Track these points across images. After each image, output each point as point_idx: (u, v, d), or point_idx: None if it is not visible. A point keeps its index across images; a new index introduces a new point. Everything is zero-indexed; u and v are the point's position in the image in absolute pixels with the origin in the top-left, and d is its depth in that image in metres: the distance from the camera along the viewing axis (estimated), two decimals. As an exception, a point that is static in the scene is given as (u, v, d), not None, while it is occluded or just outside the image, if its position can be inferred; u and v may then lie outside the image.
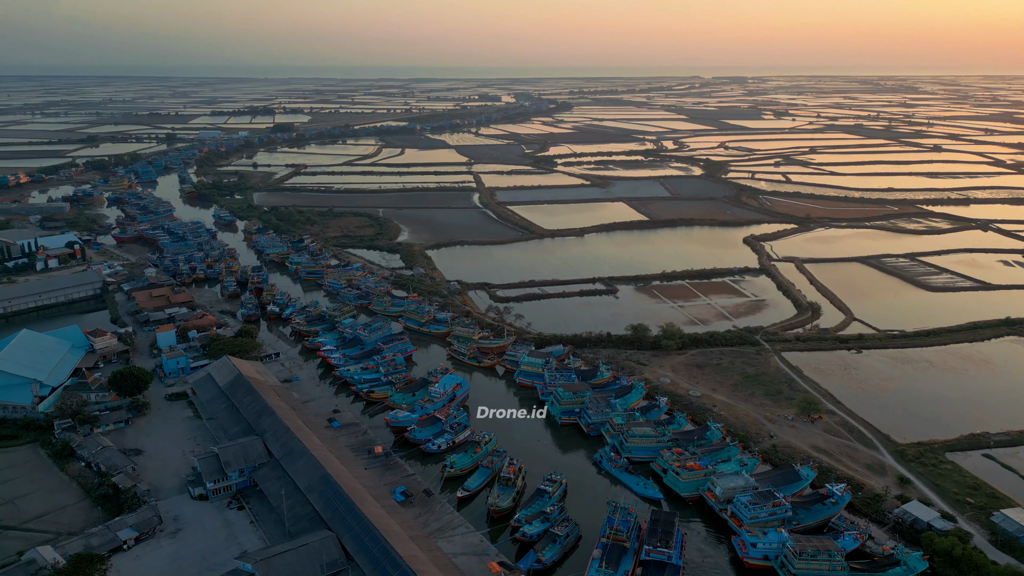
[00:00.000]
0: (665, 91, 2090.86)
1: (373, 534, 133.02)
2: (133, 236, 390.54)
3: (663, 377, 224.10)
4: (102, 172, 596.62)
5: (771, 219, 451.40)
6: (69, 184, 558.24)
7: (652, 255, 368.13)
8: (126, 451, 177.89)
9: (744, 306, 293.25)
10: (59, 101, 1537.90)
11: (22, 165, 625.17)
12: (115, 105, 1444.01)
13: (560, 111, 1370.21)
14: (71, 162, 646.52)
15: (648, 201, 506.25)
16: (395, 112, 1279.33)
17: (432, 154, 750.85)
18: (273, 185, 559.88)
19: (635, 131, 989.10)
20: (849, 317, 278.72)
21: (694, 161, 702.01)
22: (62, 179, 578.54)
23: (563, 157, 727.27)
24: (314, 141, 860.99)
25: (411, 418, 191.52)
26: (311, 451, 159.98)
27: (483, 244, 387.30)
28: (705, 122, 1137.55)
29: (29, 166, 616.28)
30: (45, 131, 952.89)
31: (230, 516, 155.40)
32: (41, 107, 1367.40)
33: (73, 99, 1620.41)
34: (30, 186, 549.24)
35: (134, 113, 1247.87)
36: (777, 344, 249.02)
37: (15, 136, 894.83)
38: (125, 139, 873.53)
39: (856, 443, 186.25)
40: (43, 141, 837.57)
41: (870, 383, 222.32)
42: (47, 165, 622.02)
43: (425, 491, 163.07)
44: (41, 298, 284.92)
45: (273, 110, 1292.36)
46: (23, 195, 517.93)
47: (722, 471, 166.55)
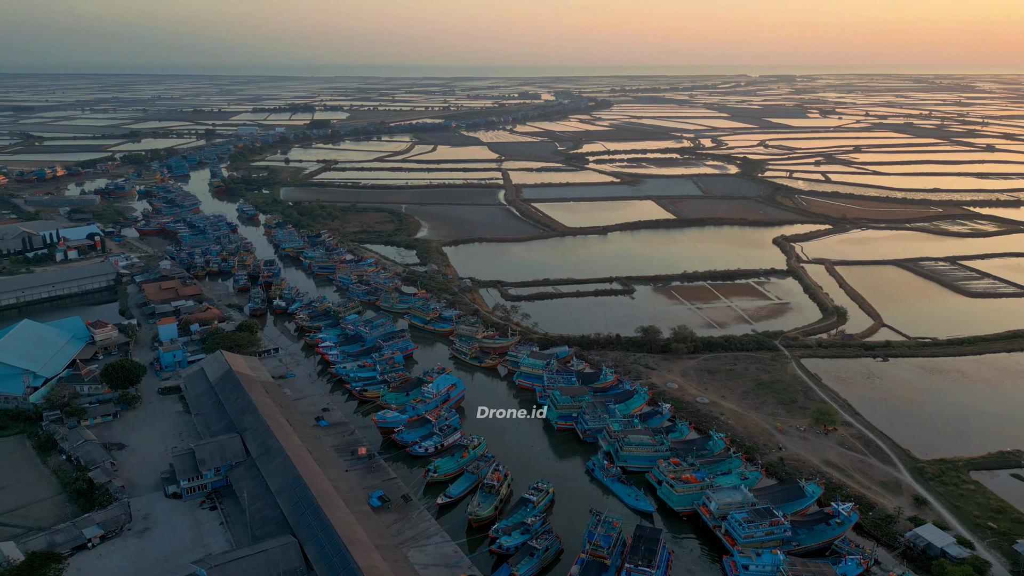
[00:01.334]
0: (709, 89, 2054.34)
1: (335, 542, 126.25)
2: (155, 229, 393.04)
3: (670, 382, 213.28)
4: (137, 166, 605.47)
5: (805, 219, 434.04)
6: (105, 177, 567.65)
7: (675, 255, 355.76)
8: (108, 445, 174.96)
9: (766, 309, 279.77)
10: (110, 98, 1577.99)
11: (63, 159, 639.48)
12: (162, 102, 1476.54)
13: (599, 109, 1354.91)
14: (109, 156, 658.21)
15: (678, 199, 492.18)
16: (432, 110, 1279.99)
17: (464, 151, 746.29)
18: (301, 180, 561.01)
19: (673, 129, 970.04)
20: (878, 323, 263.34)
21: (731, 159, 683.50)
22: (98, 172, 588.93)
23: (596, 154, 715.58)
24: (349, 137, 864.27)
25: (400, 419, 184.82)
26: (286, 451, 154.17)
27: (502, 241, 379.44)
28: (747, 120, 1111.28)
29: (69, 160, 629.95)
30: (91, 127, 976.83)
31: (201, 516, 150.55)
32: (92, 104, 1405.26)
33: (124, 96, 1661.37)
34: (67, 179, 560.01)
35: (179, 110, 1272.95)
36: (796, 350, 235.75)
37: (62, 131, 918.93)
38: (166, 134, 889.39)
39: (871, 458, 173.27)
40: (87, 136, 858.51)
41: (894, 394, 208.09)
42: (85, 159, 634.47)
43: (403, 496, 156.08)
44: (54, 288, 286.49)
45: (313, 107, 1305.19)
46: (59, 188, 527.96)
47: (720, 484, 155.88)
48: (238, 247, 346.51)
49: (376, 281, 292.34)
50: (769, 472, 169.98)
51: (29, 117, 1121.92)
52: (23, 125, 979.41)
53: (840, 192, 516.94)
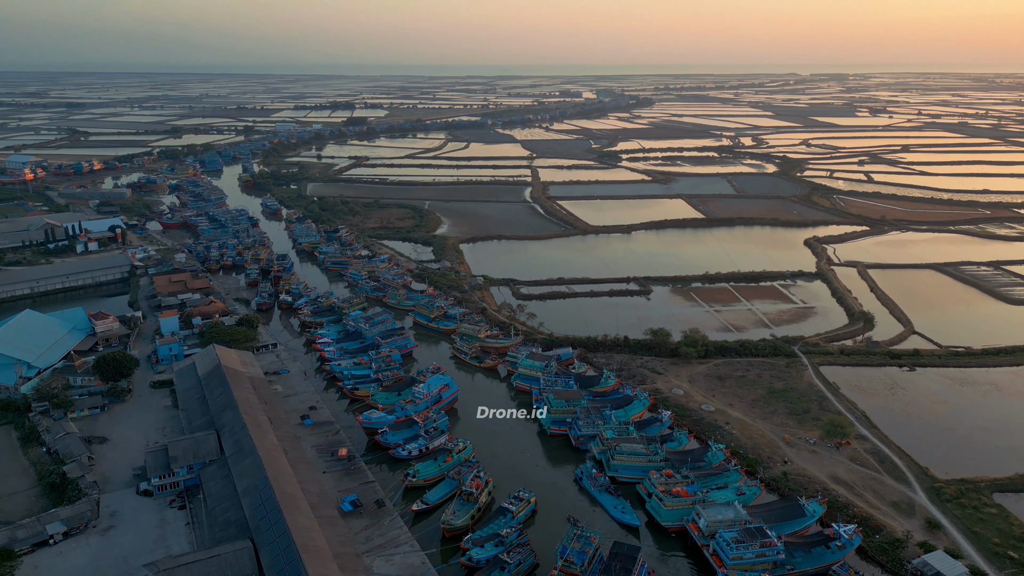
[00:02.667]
0: (755, 88, 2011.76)
1: (290, 549, 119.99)
2: (178, 222, 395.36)
3: (676, 388, 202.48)
4: (172, 161, 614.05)
5: (841, 220, 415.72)
6: (141, 172, 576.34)
7: (700, 255, 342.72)
8: (90, 439, 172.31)
9: (788, 313, 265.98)
10: (159, 96, 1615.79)
11: (105, 153, 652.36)
12: (209, 100, 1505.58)
13: (639, 107, 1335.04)
14: (147, 151, 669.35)
15: (709, 198, 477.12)
16: (470, 108, 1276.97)
17: (497, 148, 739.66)
18: (330, 176, 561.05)
19: (713, 127, 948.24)
20: (908, 329, 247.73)
21: (770, 158, 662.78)
22: (135, 167, 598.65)
23: (630, 152, 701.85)
24: (384, 135, 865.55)
25: (386, 419, 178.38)
26: (258, 451, 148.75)
27: (521, 239, 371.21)
28: (791, 119, 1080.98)
29: (110, 154, 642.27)
30: (136, 123, 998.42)
31: (168, 516, 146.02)
32: (141, 101, 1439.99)
33: (173, 94, 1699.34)
34: (103, 172, 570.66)
35: (223, 107, 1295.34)
36: (816, 357, 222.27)
37: (108, 127, 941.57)
38: (207, 131, 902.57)
39: (885, 476, 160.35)
40: (131, 132, 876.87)
41: (917, 406, 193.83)
42: (124, 154, 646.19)
43: (377, 501, 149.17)
44: (68, 279, 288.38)
45: (353, 105, 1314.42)
46: (95, 181, 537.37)
47: (712, 500, 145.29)
48: (255, 241, 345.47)
49: (385, 277, 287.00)
50: (771, 487, 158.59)
51: (80, 113, 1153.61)
52: (72, 121, 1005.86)
53: (882, 192, 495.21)
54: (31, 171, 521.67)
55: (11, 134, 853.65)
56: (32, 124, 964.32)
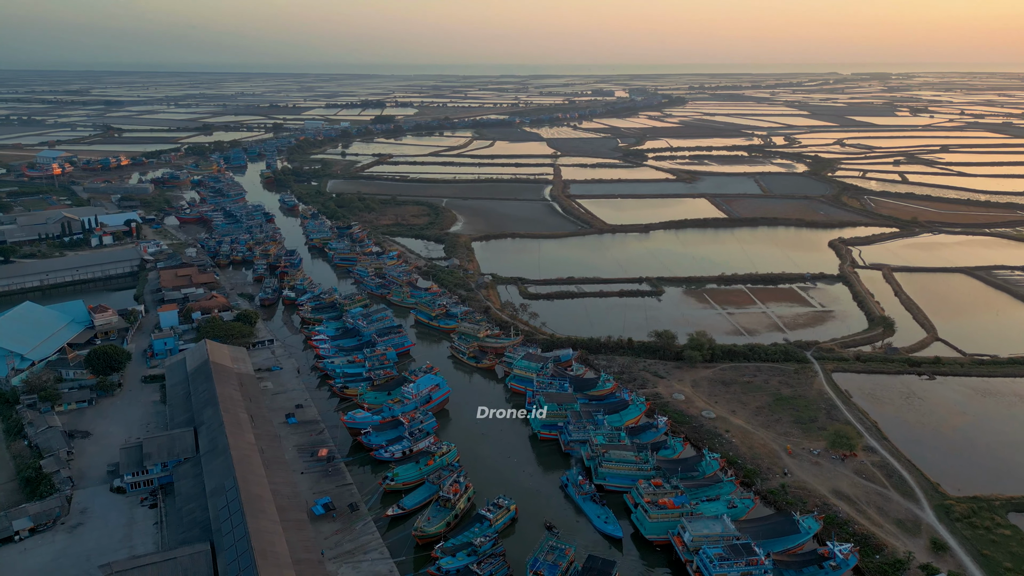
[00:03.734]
0: (793, 87, 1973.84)
1: (247, 554, 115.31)
2: (195, 217, 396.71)
3: (677, 393, 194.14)
4: (198, 157, 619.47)
5: (869, 221, 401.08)
6: (168, 167, 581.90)
7: (718, 255, 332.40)
8: (73, 433, 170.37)
9: (805, 317, 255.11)
10: (196, 94, 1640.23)
11: (135, 149, 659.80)
12: (243, 98, 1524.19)
13: (672, 105, 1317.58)
14: (176, 147, 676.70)
15: (733, 198, 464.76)
16: (500, 106, 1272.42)
17: (522, 146, 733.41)
18: (351, 173, 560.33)
19: (745, 126, 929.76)
20: (931, 336, 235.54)
21: (801, 158, 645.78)
22: (162, 163, 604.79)
23: (656, 151, 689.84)
24: (411, 133, 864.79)
25: (370, 420, 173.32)
26: (231, 450, 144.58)
27: (535, 237, 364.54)
28: (828, 118, 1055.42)
29: (140, 150, 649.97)
30: (170, 120, 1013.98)
31: (138, 514, 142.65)
32: (178, 99, 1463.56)
33: (210, 92, 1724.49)
34: (130, 168, 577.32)
35: (257, 105, 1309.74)
36: (829, 363, 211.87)
37: (143, 124, 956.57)
38: (237, 128, 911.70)
39: (891, 491, 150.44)
40: (163, 129, 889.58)
41: (933, 417, 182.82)
42: (154, 150, 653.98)
43: (351, 505, 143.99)
44: (78, 272, 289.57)
45: (384, 103, 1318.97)
46: (123, 176, 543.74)
47: (701, 512, 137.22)
48: (266, 237, 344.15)
49: (390, 274, 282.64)
50: (767, 500, 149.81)
51: (117, 111, 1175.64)
52: (108, 118, 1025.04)
53: (915, 193, 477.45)
54: (59, 166, 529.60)
55: (48, 130, 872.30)
56: (69, 120, 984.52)
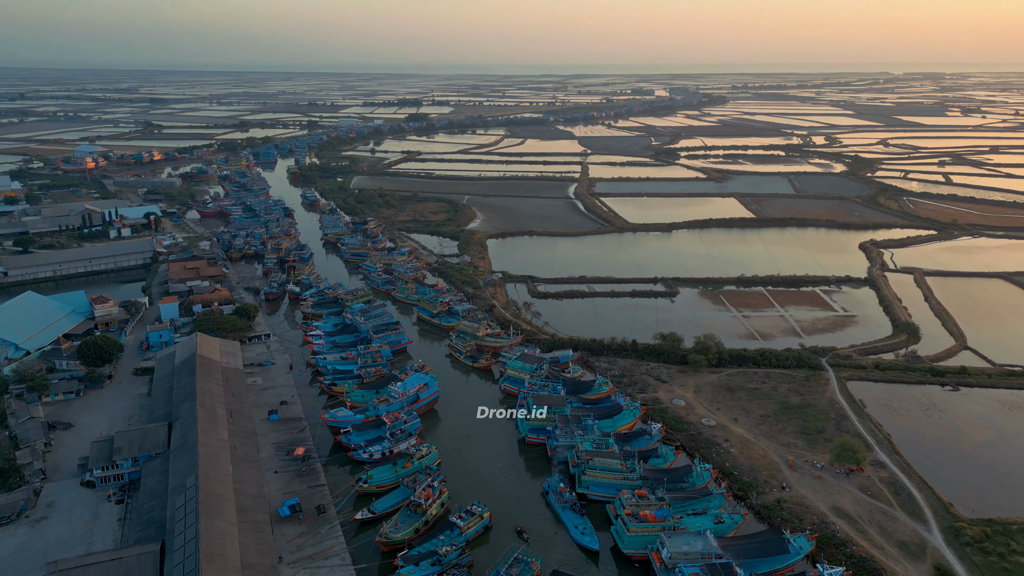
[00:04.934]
0: (841, 87, 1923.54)
1: (193, 556, 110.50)
2: (215, 211, 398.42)
3: (678, 399, 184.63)
4: (229, 153, 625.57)
5: (906, 223, 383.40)
6: (199, 162, 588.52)
7: (741, 256, 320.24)
8: (55, 424, 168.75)
9: (825, 321, 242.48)
10: (239, 93, 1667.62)
11: (172, 145, 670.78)
12: (284, 96, 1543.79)
13: (711, 104, 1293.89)
14: (209, 143, 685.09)
15: (764, 198, 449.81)
16: (536, 105, 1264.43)
17: (552, 144, 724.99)
18: (377, 170, 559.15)
19: (785, 125, 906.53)
20: (959, 344, 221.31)
21: (840, 157, 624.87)
22: (194, 158, 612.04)
23: (690, 150, 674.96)
24: (443, 131, 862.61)
25: (352, 419, 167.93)
26: (199, 446, 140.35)
27: (552, 235, 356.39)
28: (873, 118, 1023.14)
29: (176, 146, 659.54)
30: (210, 117, 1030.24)
31: (103, 510, 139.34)
32: (221, 97, 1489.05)
33: (253, 91, 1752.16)
34: (163, 163, 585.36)
35: (296, 103, 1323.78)
36: (844, 370, 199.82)
37: (183, 120, 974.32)
38: (273, 125, 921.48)
39: (897, 510, 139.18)
40: (201, 125, 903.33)
41: (952, 431, 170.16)
42: (188, 145, 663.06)
43: (318, 507, 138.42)
44: (91, 264, 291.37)
45: (421, 102, 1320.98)
46: (155, 171, 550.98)
47: (684, 527, 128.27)
48: (281, 231, 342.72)
49: (397, 271, 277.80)
50: (760, 516, 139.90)
51: (161, 108, 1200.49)
52: (151, 115, 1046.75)
53: (959, 195, 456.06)
54: (93, 160, 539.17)
55: (92, 126, 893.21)
56: (113, 117, 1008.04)
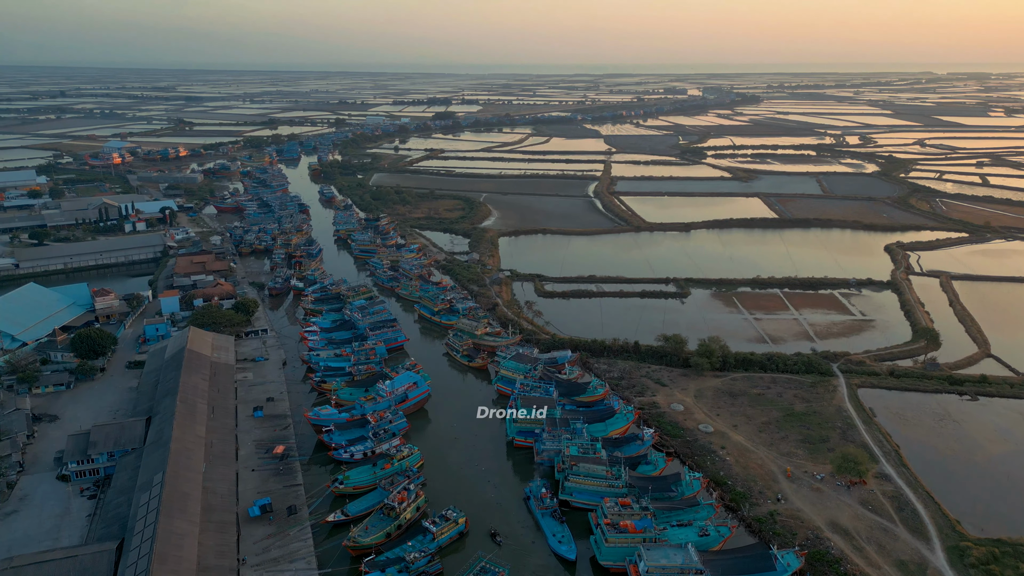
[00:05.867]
0: (880, 87, 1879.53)
1: (147, 556, 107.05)
2: (232, 206, 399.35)
3: (676, 403, 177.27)
4: (254, 149, 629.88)
5: (936, 225, 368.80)
6: (224, 159, 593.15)
7: (759, 257, 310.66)
8: (40, 416, 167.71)
9: (841, 325, 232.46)
10: (273, 92, 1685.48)
11: (200, 141, 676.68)
12: (317, 95, 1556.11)
13: (744, 104, 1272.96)
14: (235, 140, 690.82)
15: (789, 198, 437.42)
16: (565, 104, 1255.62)
17: (578, 143, 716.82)
18: (398, 167, 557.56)
19: (819, 125, 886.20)
20: (982, 351, 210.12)
21: (873, 158, 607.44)
22: (219, 154, 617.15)
23: (718, 149, 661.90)
24: (469, 129, 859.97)
25: (336, 417, 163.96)
26: (172, 442, 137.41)
27: (567, 234, 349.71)
28: (911, 118, 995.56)
29: (206, 142, 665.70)
30: (241, 115, 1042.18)
31: (75, 505, 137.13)
32: (255, 95, 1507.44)
33: (287, 90, 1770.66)
34: (188, 159, 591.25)
35: (327, 102, 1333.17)
36: (856, 377, 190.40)
37: (214, 118, 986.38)
38: (302, 123, 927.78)
39: (899, 527, 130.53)
40: (231, 123, 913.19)
41: (967, 443, 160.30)
42: (214, 142, 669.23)
43: (289, 508, 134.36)
44: (102, 257, 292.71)
45: (450, 101, 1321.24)
46: (181, 167, 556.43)
47: (666, 539, 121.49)
48: (293, 227, 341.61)
49: (403, 268, 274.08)
50: (751, 529, 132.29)
51: (196, 106, 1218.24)
52: (185, 113, 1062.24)
53: (995, 197, 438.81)
54: (119, 156, 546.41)
55: (126, 123, 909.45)
56: (147, 114, 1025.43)
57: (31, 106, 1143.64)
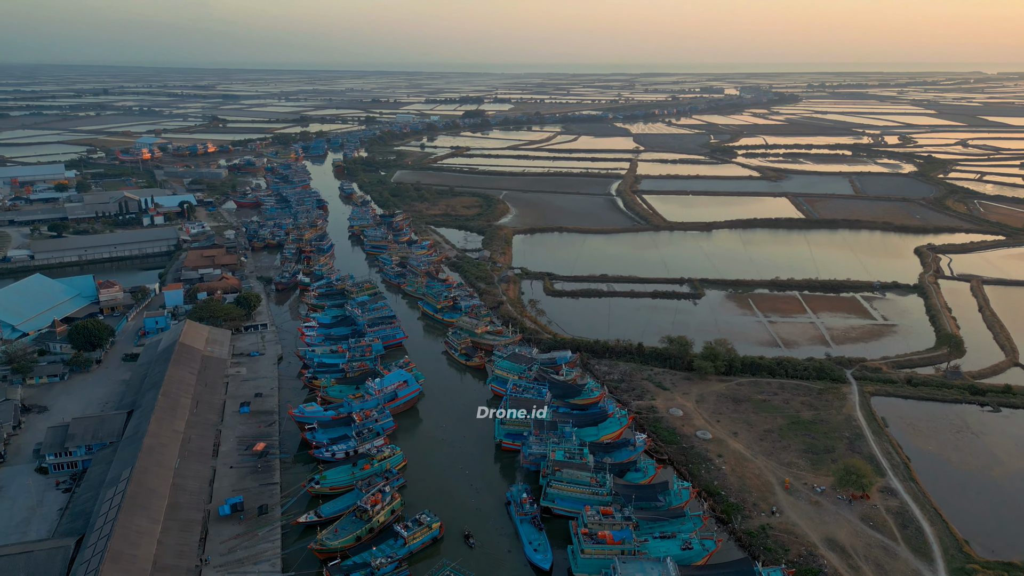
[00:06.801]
0: (926, 86, 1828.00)
1: (99, 554, 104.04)
2: (251, 202, 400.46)
3: (675, 408, 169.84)
4: (280, 146, 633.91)
5: (972, 227, 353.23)
6: (251, 155, 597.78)
7: (781, 258, 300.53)
8: (29, 407, 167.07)
9: (859, 330, 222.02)
10: (309, 90, 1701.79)
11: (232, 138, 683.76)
12: (351, 94, 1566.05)
13: (781, 103, 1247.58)
14: (263, 136, 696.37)
15: (818, 198, 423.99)
16: (597, 103, 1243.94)
17: (606, 141, 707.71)
18: (421, 164, 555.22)
19: (857, 125, 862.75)
20: (1009, 360, 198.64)
21: (911, 158, 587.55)
22: (247, 150, 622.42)
23: (749, 148, 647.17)
24: (498, 127, 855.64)
25: (320, 415, 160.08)
26: (147, 437, 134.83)
27: (583, 232, 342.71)
28: (956, 118, 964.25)
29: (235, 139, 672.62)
30: (275, 112, 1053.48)
31: (48, 498, 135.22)
32: (290, 94, 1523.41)
33: (322, 88, 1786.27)
34: (216, 155, 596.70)
35: (360, 100, 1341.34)
36: (870, 384, 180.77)
37: (248, 115, 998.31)
38: (333, 120, 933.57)
39: (900, 545, 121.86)
40: (264, 120, 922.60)
41: (985, 457, 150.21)
42: (244, 138, 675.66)
43: (260, 507, 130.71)
44: (116, 250, 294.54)
45: (482, 99, 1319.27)
46: (209, 162, 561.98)
47: (646, 551, 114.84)
48: (309, 222, 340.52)
49: (410, 264, 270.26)
50: (741, 543, 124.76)
51: (232, 104, 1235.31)
52: (220, 110, 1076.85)
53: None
54: (149, 151, 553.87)
55: (163, 120, 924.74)
56: (184, 112, 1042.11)
57: (73, 103, 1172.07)
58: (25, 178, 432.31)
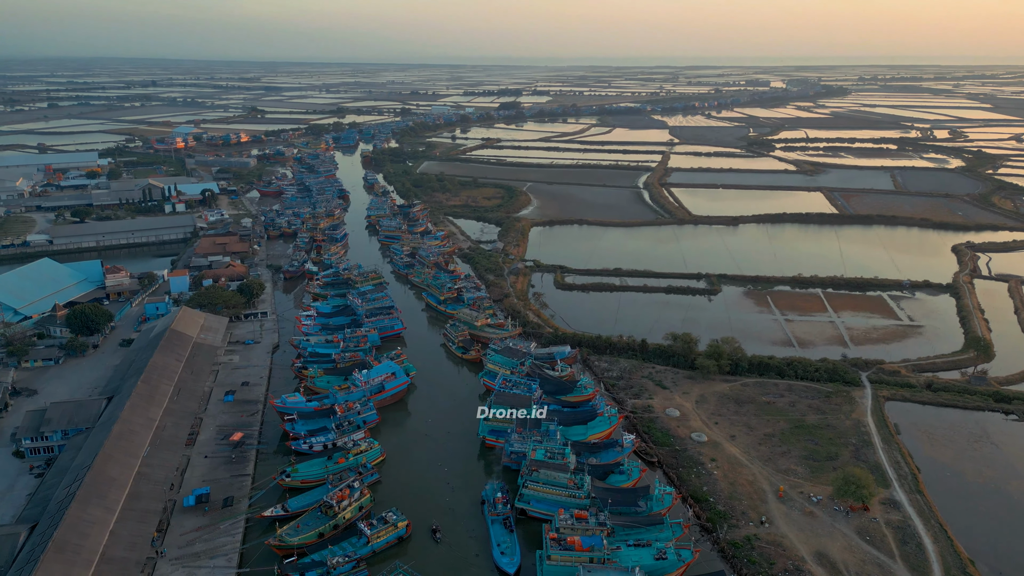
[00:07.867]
0: (984, 80, 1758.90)
1: (43, 544, 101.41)
2: (274, 190, 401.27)
3: (673, 408, 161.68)
4: (312, 136, 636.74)
5: (1016, 225, 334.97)
6: (283, 144, 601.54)
7: (808, 254, 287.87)
8: (19, 390, 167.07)
9: (882, 331, 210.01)
10: (351, 83, 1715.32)
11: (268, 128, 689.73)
12: (391, 86, 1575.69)
13: (829, 96, 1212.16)
14: (297, 127, 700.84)
15: (854, 193, 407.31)
16: (638, 95, 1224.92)
17: (641, 134, 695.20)
18: (449, 155, 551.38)
19: (906, 118, 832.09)
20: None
21: (959, 152, 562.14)
22: (279, 141, 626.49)
23: (788, 141, 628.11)
24: (533, 119, 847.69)
25: (302, 406, 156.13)
26: (116, 424, 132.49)
27: (604, 225, 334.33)
28: (1012, 112, 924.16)
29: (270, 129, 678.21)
30: (314, 103, 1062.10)
31: (20, 483, 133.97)
32: (331, 86, 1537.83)
33: (364, 81, 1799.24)
34: (249, 145, 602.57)
35: (399, 92, 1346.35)
36: (886, 388, 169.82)
37: (287, 107, 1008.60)
38: (369, 112, 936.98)
39: (897, 563, 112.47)
40: (302, 111, 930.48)
41: (1002, 470, 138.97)
42: (277, 128, 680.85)
43: (225, 500, 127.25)
44: (133, 236, 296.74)
45: (520, 91, 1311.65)
46: (242, 152, 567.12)
47: (616, 560, 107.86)
48: (326, 212, 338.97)
49: (420, 255, 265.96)
50: (724, 555, 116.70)
51: (274, 95, 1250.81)
52: (262, 101, 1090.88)
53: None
54: (183, 141, 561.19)
55: (205, 111, 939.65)
56: (225, 103, 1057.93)
57: (121, 94, 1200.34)
58: (59, 165, 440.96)
